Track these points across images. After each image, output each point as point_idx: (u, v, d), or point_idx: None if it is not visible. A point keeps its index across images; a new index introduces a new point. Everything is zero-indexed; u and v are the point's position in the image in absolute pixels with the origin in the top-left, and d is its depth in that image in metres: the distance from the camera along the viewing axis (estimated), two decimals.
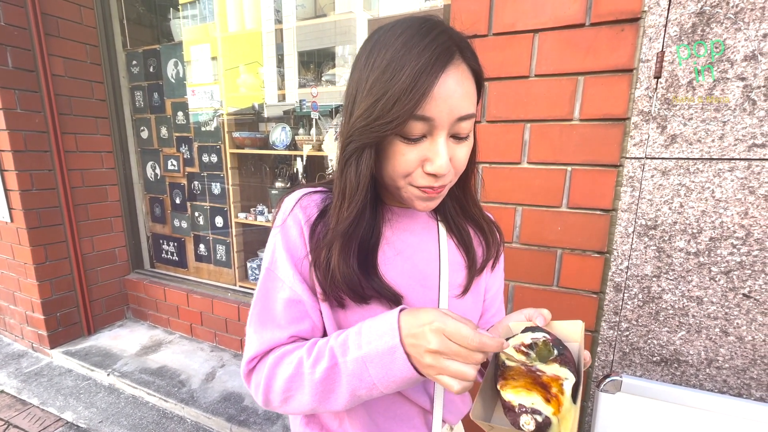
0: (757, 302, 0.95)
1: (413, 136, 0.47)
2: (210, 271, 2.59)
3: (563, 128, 1.08)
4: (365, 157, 0.49)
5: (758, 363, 0.97)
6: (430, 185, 0.50)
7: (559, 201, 1.12)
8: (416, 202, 0.52)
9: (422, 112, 0.45)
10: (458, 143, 0.51)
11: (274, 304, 0.54)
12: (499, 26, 1.10)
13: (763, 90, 0.88)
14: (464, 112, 0.47)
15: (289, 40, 2.27)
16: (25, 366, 2.28)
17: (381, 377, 0.45)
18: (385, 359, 0.44)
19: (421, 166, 0.49)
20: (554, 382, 0.44)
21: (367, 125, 0.47)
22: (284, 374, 0.50)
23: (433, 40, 0.45)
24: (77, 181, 2.35)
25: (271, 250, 0.56)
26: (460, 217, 0.63)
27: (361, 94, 0.48)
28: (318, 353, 0.49)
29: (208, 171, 2.44)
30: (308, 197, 0.57)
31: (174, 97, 2.45)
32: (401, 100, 0.44)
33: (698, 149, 0.95)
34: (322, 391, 0.48)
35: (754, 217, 0.93)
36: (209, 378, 2.10)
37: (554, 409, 0.41)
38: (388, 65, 0.45)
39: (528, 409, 0.41)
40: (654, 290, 1.05)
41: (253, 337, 0.54)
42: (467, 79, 0.48)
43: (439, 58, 0.44)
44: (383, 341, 0.44)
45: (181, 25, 2.43)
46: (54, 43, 2.17)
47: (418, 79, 0.44)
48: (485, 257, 0.64)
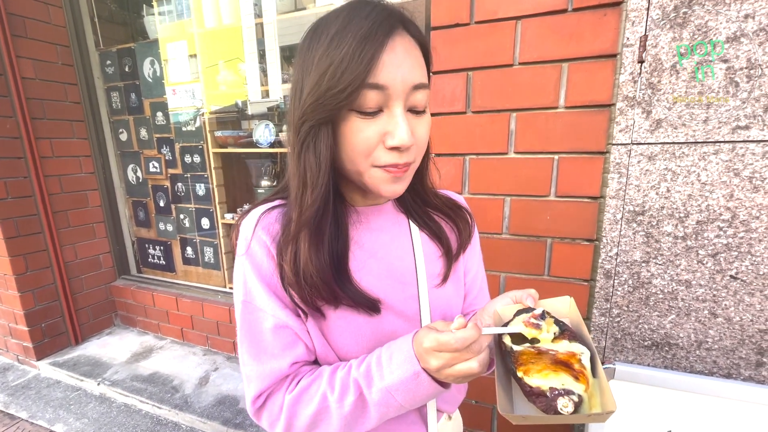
0: (744, 283, 0.96)
1: (369, 108, 0.45)
2: (199, 274, 2.54)
3: (549, 116, 1.07)
4: (323, 135, 0.47)
5: (746, 343, 0.99)
6: (394, 162, 0.48)
7: (548, 190, 1.11)
8: (382, 186, 0.50)
9: (374, 80, 0.44)
10: (417, 117, 0.49)
11: (261, 335, 0.51)
12: (481, 14, 1.08)
13: (745, 72, 0.88)
14: (418, 80, 0.47)
15: (270, 35, 2.21)
16: (12, 379, 2.22)
17: (409, 399, 0.48)
18: (410, 385, 0.46)
19: (383, 143, 0.47)
20: (572, 358, 0.43)
21: (317, 100, 0.45)
22: (308, 411, 0.50)
23: (373, 9, 0.46)
24: (55, 187, 2.27)
25: (242, 281, 0.52)
26: (423, 210, 0.63)
27: (308, 74, 0.47)
28: (342, 387, 0.49)
29: (192, 172, 2.38)
30: (267, 215, 0.53)
31: (152, 97, 2.38)
32: (350, 67, 0.43)
33: (683, 133, 0.95)
34: (352, 420, 0.50)
35: (739, 199, 0.93)
36: (203, 382, 2.07)
37: (585, 386, 0.40)
38: (332, 40, 0.45)
39: (561, 391, 0.39)
40: (643, 275, 1.05)
41: (252, 374, 0.52)
42: (414, 48, 0.48)
43: (382, 25, 0.44)
44: (404, 369, 0.46)
45: (157, 22, 2.35)
46: (22, 45, 2.08)
47: (365, 44, 0.43)
48: (459, 242, 0.64)
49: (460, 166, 1.19)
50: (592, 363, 0.43)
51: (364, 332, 0.54)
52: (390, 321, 0.56)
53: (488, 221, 1.19)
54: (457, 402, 0.67)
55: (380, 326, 0.55)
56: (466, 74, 1.13)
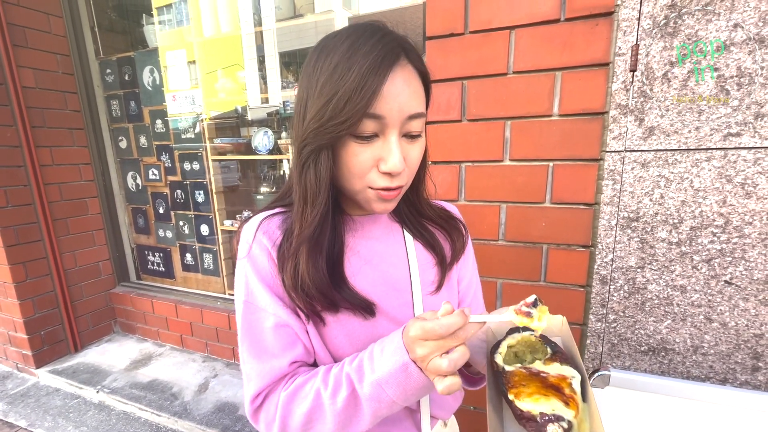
0: (739, 288, 0.97)
1: (365, 134, 0.48)
2: (198, 281, 2.55)
3: (543, 124, 1.08)
4: (323, 158, 0.50)
5: (742, 347, 0.99)
6: (386, 186, 0.50)
7: (543, 197, 1.12)
8: (374, 205, 0.53)
9: (373, 110, 0.46)
10: (411, 143, 0.52)
11: (262, 334, 0.53)
12: (476, 24, 1.09)
13: (735, 80, 0.89)
14: (414, 110, 0.49)
15: (270, 42, 2.24)
16: (11, 387, 2.22)
17: (399, 394, 0.46)
18: (400, 377, 0.45)
19: (376, 166, 0.50)
20: (563, 382, 0.43)
21: (320, 126, 0.48)
22: (302, 409, 0.50)
23: (378, 41, 0.47)
24: (55, 195, 2.28)
25: (244, 283, 0.54)
26: (417, 220, 0.64)
27: (312, 98, 0.49)
28: (335, 383, 0.49)
29: (191, 179, 2.40)
30: (268, 221, 0.56)
31: (151, 105, 2.40)
32: (352, 100, 0.45)
33: (675, 140, 0.96)
34: (345, 419, 0.49)
35: (732, 205, 0.94)
36: (202, 389, 2.07)
37: (574, 412, 0.40)
38: (336, 67, 0.47)
39: (552, 417, 0.40)
40: (639, 281, 1.06)
41: (251, 373, 0.53)
42: (414, 78, 0.50)
43: (385, 58, 0.46)
44: (394, 361, 0.45)
45: (156, 31, 2.38)
46: (22, 54, 2.10)
47: (367, 78, 0.45)
48: (453, 252, 0.65)
49: (456, 174, 1.20)
50: (582, 387, 0.44)
51: (359, 335, 0.56)
52: (384, 326, 0.57)
53: (484, 228, 1.20)
54: (452, 408, 0.68)
55: (375, 331, 0.56)
56: (461, 83, 1.14)
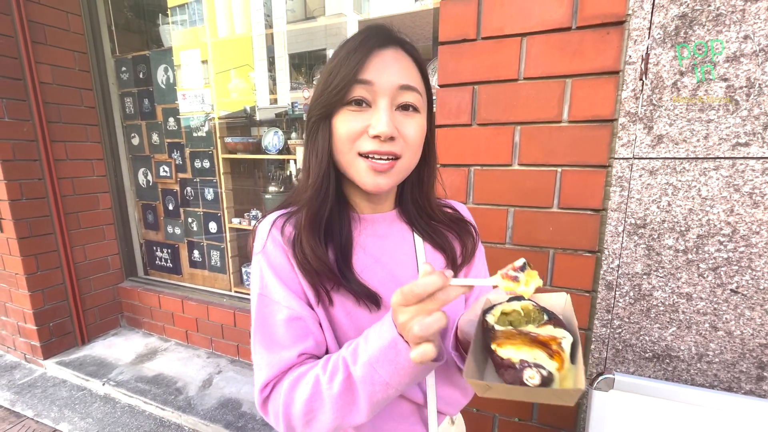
0: (745, 297, 0.97)
1: (355, 98, 0.52)
2: (205, 277, 2.58)
3: (552, 130, 1.09)
4: (321, 129, 0.55)
5: (747, 357, 0.99)
6: (375, 149, 0.52)
7: (550, 202, 1.13)
8: (365, 177, 0.54)
9: (361, 76, 0.51)
10: (406, 116, 0.54)
11: (274, 327, 0.54)
12: (488, 30, 1.11)
13: (745, 90, 0.90)
14: (405, 81, 0.53)
15: (280, 44, 2.27)
16: (19, 377, 2.25)
17: (391, 374, 0.45)
18: (390, 354, 0.44)
19: (366, 133, 0.53)
20: (552, 341, 0.41)
21: (318, 99, 0.55)
22: (303, 396, 0.50)
23: (370, 29, 0.54)
24: (68, 189, 2.33)
25: (259, 276, 0.56)
26: (427, 223, 0.65)
27: (319, 83, 0.56)
28: (333, 367, 0.49)
29: (201, 176, 2.43)
30: (282, 219, 0.59)
31: (165, 103, 2.44)
32: (342, 70, 0.51)
33: (684, 149, 0.97)
34: (342, 405, 0.48)
35: (739, 214, 0.95)
36: (206, 385, 2.09)
37: (558, 365, 0.37)
38: (334, 55, 0.55)
39: (531, 364, 0.37)
40: (645, 288, 1.06)
41: (261, 363, 0.54)
42: (406, 59, 0.55)
43: (374, 37, 0.53)
44: (383, 338, 0.45)
45: (171, 31, 2.42)
46: (41, 51, 2.15)
47: (356, 51, 0.52)
48: (464, 253, 0.66)
49: (464, 177, 1.22)
50: (573, 350, 0.41)
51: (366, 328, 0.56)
52: None
53: (492, 231, 1.21)
54: (460, 405, 0.68)
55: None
56: (472, 88, 1.16)
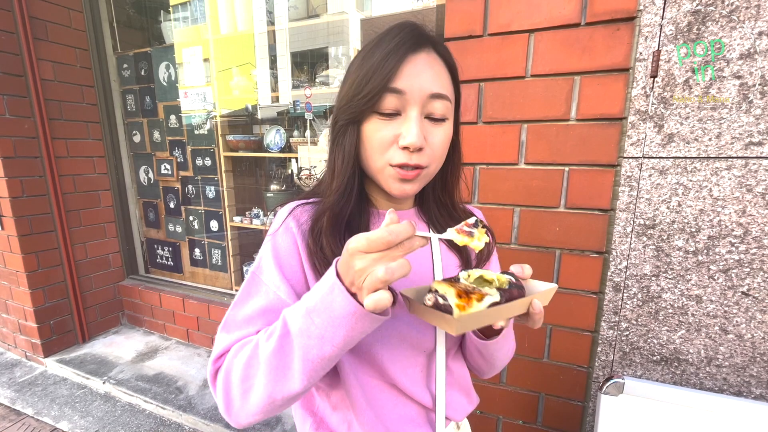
0: (756, 300, 0.95)
1: (387, 110, 0.51)
2: (206, 276, 2.56)
3: (560, 128, 1.07)
4: (349, 133, 0.54)
5: (758, 360, 0.97)
6: (404, 162, 0.52)
7: (557, 201, 1.11)
8: (392, 184, 0.54)
9: (394, 85, 0.49)
10: (434, 125, 0.53)
11: (252, 307, 0.53)
12: (495, 26, 1.09)
13: (758, 88, 0.88)
14: (436, 89, 0.51)
15: (282, 42, 2.25)
16: (19, 375, 2.24)
17: (327, 324, 0.42)
18: (326, 301, 0.41)
19: (396, 142, 0.52)
20: (476, 293, 0.44)
21: (347, 104, 0.53)
22: (241, 360, 0.47)
23: (402, 31, 0.52)
24: (69, 186, 2.31)
25: (260, 256, 0.56)
26: (447, 222, 0.65)
27: (344, 84, 0.55)
28: (273, 327, 0.47)
29: (202, 174, 2.42)
30: (301, 207, 0.58)
31: (166, 101, 2.43)
32: (375, 76, 0.50)
33: (695, 148, 0.95)
34: (276, 366, 0.44)
35: (751, 215, 0.92)
36: (207, 384, 2.08)
37: (462, 305, 0.41)
38: (365, 55, 0.52)
39: (437, 293, 0.43)
40: (653, 289, 1.04)
41: (222, 335, 0.53)
42: (438, 64, 0.53)
43: (408, 41, 0.51)
44: (324, 284, 0.42)
45: (173, 28, 2.40)
46: (42, 48, 2.13)
47: (390, 57, 0.50)
48: (478, 256, 0.66)
49: (470, 176, 1.20)
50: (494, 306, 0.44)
51: None
52: (401, 317, 0.57)
53: (497, 231, 1.19)
54: (466, 411, 0.67)
55: (393, 322, 0.56)
56: (478, 85, 1.14)
